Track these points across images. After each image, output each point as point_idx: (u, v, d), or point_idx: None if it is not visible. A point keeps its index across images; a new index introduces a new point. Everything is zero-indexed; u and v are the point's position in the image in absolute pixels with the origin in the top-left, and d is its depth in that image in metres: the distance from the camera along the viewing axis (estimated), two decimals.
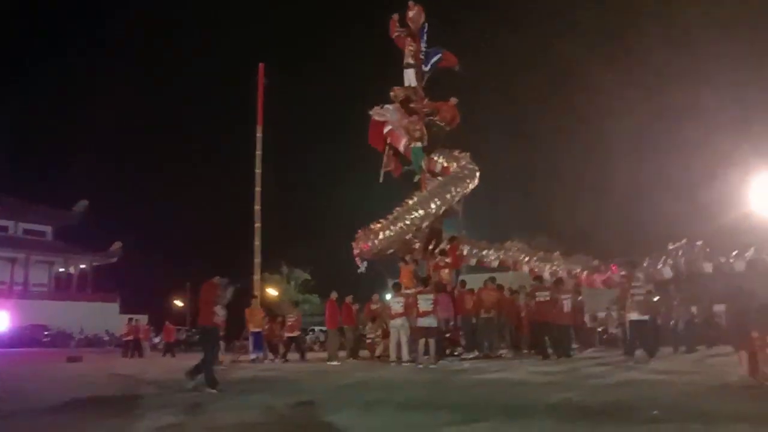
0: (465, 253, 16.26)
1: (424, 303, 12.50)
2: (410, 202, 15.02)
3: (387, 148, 16.82)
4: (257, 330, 16.56)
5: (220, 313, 8.56)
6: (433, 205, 14.84)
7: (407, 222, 14.63)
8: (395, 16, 17.22)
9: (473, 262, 16.74)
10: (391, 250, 14.88)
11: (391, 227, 14.56)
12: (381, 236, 14.50)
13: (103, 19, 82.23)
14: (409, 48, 16.78)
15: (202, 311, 8.70)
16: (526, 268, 16.22)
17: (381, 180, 16.96)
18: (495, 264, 16.60)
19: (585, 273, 15.21)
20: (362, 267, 14.80)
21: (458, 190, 15.32)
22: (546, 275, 15.49)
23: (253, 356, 16.12)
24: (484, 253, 16.54)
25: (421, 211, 14.71)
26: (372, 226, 14.81)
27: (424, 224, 14.98)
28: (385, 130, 16.60)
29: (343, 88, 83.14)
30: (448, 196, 15.12)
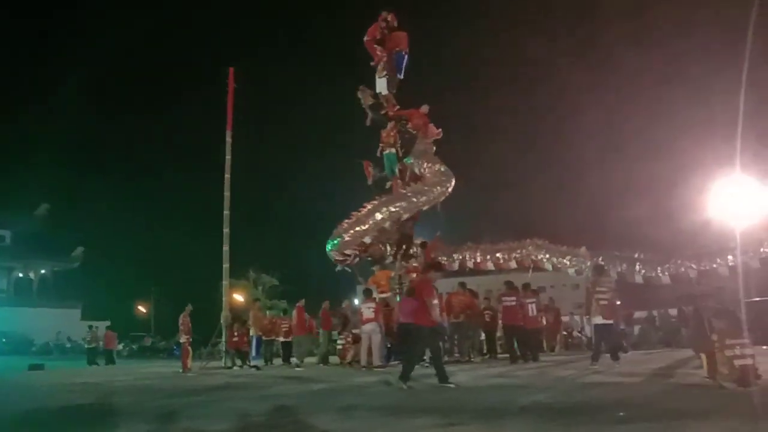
0: (460, 257, 15.82)
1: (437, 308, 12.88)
2: (371, 204, 14.87)
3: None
4: (261, 335, 16.24)
5: (436, 310, 8.23)
6: (394, 209, 14.67)
7: (370, 224, 14.44)
8: (380, 21, 16.74)
9: (490, 266, 15.81)
10: (356, 251, 14.55)
11: (355, 227, 14.42)
12: (346, 236, 14.37)
13: (70, 22, 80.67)
14: (384, 57, 16.64)
15: (419, 309, 8.26)
16: (549, 267, 15.37)
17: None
18: (513, 265, 15.64)
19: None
20: (341, 266, 14.76)
21: (427, 197, 15.18)
22: (571, 273, 15.14)
23: (254, 362, 15.85)
24: (498, 255, 15.60)
25: (378, 215, 14.52)
26: (339, 225, 14.69)
27: (386, 226, 14.66)
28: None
29: (311, 89, 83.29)
30: (415, 200, 14.99)
